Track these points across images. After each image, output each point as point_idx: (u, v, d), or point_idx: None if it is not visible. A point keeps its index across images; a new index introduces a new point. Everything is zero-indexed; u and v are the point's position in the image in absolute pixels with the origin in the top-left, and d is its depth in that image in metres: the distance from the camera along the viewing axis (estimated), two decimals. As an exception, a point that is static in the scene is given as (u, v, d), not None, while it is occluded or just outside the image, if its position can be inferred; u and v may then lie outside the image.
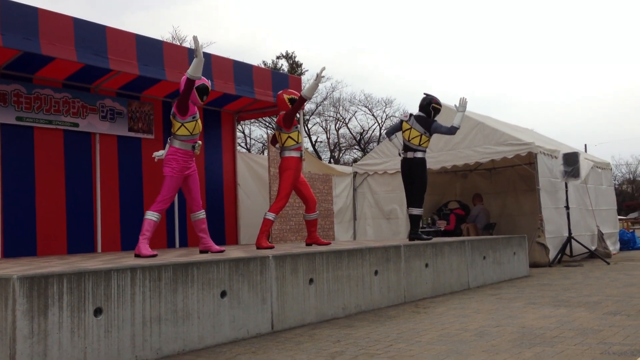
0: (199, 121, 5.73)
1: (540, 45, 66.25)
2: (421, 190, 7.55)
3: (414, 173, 7.49)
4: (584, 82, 69.62)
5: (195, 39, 5.29)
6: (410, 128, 7.52)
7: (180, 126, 5.58)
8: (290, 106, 6.65)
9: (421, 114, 7.57)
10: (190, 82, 5.42)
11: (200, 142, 5.78)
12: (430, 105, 7.54)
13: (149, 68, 7.59)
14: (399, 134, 7.76)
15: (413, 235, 7.46)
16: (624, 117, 65.53)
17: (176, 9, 50.29)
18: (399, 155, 7.76)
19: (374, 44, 56.42)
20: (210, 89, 5.83)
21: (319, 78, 6.46)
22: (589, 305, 5.54)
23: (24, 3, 6.49)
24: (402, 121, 7.67)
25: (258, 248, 6.27)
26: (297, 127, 6.71)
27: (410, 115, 7.62)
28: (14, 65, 7.55)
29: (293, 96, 6.73)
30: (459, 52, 60.35)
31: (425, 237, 7.44)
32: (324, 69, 6.49)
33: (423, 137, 7.46)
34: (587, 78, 69.55)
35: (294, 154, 6.63)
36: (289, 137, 6.65)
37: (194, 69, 5.37)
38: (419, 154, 7.48)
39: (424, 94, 7.72)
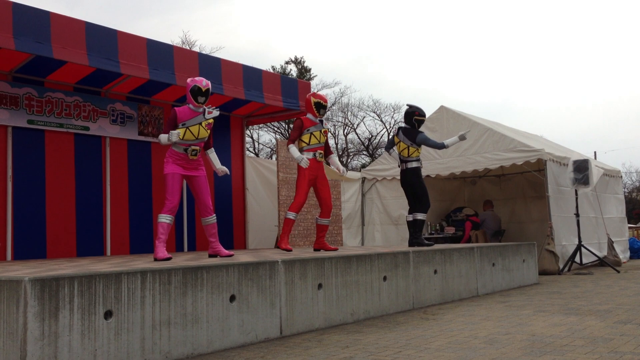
0: (193, 129, 5.65)
1: (550, 51, 66.11)
2: (421, 196, 7.68)
3: (410, 182, 7.69)
4: (594, 88, 69.39)
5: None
6: (400, 141, 7.76)
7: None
8: (315, 110, 6.74)
9: (407, 126, 7.77)
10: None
11: (196, 147, 5.71)
12: (413, 118, 7.69)
13: (159, 72, 7.63)
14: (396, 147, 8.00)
15: (415, 240, 7.59)
16: (635, 124, 65.17)
17: (191, 14, 50.58)
18: (398, 167, 8.01)
19: (383, 50, 56.48)
20: (206, 89, 5.74)
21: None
22: (599, 314, 5.50)
23: (36, 7, 6.56)
24: (394, 135, 7.93)
25: (278, 248, 6.41)
26: (308, 130, 6.75)
27: (399, 129, 7.83)
28: (26, 69, 7.61)
29: (320, 100, 6.80)
30: (468, 58, 60.32)
31: (427, 242, 7.57)
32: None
33: (411, 148, 7.64)
34: (597, 84, 69.32)
35: (308, 155, 6.71)
36: (300, 139, 6.81)
37: (162, 140, 5.64)
38: (412, 164, 7.66)
39: (407, 105, 7.92)
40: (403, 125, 7.85)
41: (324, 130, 6.81)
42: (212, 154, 6.19)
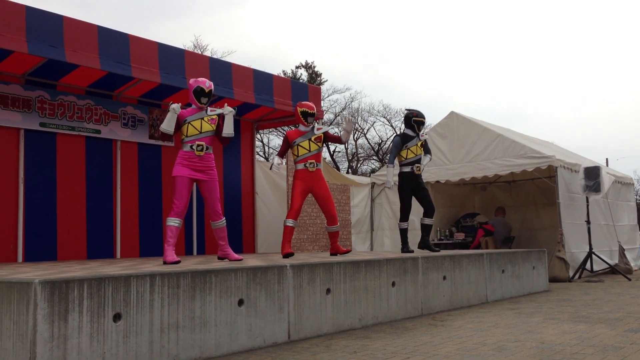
0: (195, 123, 5.71)
1: (564, 57, 65.77)
2: (427, 201, 7.64)
3: (423, 185, 7.66)
4: (606, 95, 68.92)
5: (171, 106, 5.61)
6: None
7: (179, 130, 5.80)
8: (302, 119, 6.77)
9: (407, 131, 7.66)
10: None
11: (201, 143, 5.70)
12: (412, 121, 7.64)
13: (170, 76, 7.68)
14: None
15: (423, 244, 7.65)
16: (647, 131, 64.61)
17: (204, 19, 50.82)
18: (388, 187, 7.74)
19: (395, 55, 56.44)
20: (209, 90, 5.80)
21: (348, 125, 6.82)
22: (609, 322, 5.45)
23: (49, 11, 6.62)
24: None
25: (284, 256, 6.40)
26: (294, 143, 6.77)
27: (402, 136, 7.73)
28: (38, 72, 7.68)
29: (306, 109, 6.80)
30: (479, 64, 60.12)
31: (434, 248, 7.61)
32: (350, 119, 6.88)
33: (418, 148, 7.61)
34: (609, 91, 68.84)
35: (299, 166, 6.74)
36: (292, 152, 6.86)
37: (165, 123, 5.66)
38: (404, 168, 7.56)
39: (405, 109, 7.86)
40: (403, 131, 7.73)
41: (315, 137, 6.77)
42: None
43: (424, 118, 7.73)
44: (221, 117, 5.88)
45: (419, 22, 58.98)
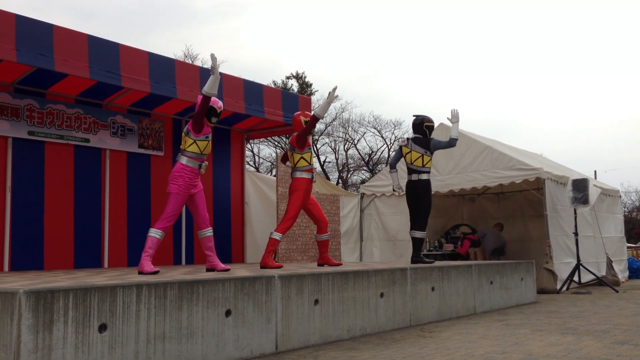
0: (210, 143, 5.72)
1: (551, 71, 66.37)
2: (425, 213, 7.53)
3: (418, 195, 7.46)
4: (594, 108, 69.56)
5: (212, 56, 5.36)
6: (411, 151, 7.54)
7: (192, 143, 5.60)
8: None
9: (417, 135, 7.60)
10: (206, 99, 5.47)
11: (206, 162, 5.74)
12: (423, 125, 7.58)
13: (160, 86, 7.67)
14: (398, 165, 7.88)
15: (415, 258, 7.43)
16: (635, 144, 65.25)
17: (201, 29, 50.86)
18: (393, 190, 7.86)
19: (388, 67, 56.72)
20: (220, 111, 5.80)
21: (331, 97, 6.48)
22: (596, 334, 5.48)
23: (39, 20, 6.60)
24: (401, 147, 7.71)
25: (263, 267, 6.24)
26: (310, 149, 6.73)
27: (408, 139, 7.66)
28: (27, 81, 7.66)
29: (310, 118, 6.76)
30: (470, 78, 60.53)
31: (427, 260, 7.42)
32: (335, 88, 6.49)
33: (425, 157, 7.48)
34: (597, 104, 69.49)
35: (305, 175, 6.64)
36: (302, 157, 6.66)
37: (210, 86, 5.43)
38: (424, 176, 7.47)
39: (414, 115, 7.78)
40: (412, 136, 7.66)
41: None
42: None
43: (434, 123, 7.73)
44: None
45: (412, 34, 59.35)
